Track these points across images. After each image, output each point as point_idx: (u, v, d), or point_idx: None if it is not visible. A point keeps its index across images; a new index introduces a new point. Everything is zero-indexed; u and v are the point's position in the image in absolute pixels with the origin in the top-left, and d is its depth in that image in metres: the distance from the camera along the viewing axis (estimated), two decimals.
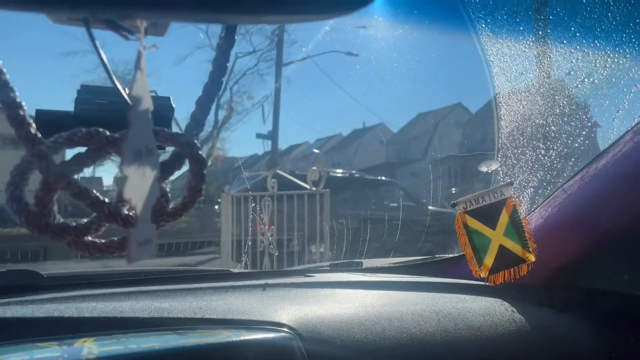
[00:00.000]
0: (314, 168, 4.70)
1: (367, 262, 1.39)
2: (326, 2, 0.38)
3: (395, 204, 7.40)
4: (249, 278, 1.10)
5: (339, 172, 8.31)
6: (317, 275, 1.17)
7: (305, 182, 4.69)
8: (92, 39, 0.45)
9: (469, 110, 21.09)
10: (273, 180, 4.51)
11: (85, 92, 0.52)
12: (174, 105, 0.54)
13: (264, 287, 0.99)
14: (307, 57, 17.13)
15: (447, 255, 1.32)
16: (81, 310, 0.73)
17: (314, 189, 4.54)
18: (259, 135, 17.56)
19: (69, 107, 0.51)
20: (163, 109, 0.52)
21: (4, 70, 0.42)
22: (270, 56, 18.22)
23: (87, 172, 0.48)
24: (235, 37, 0.52)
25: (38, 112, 0.50)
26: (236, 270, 1.27)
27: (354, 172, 8.93)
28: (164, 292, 0.89)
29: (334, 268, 1.38)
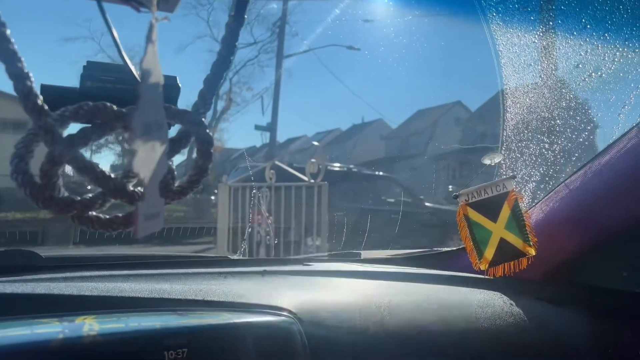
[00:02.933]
0: (313, 160, 4.69)
1: (365, 254, 1.38)
2: None
3: (393, 199, 7.40)
4: (247, 265, 1.10)
5: (336, 166, 8.30)
6: (315, 264, 1.16)
7: (304, 174, 4.68)
8: (103, 12, 0.44)
9: (468, 109, 21.15)
10: (271, 171, 4.50)
11: (92, 69, 0.51)
12: (180, 85, 0.54)
13: (263, 273, 0.99)
14: (308, 50, 17.10)
15: (446, 249, 1.32)
16: (81, 289, 0.72)
17: (312, 181, 4.54)
18: (257, 127, 17.58)
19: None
20: (169, 88, 0.52)
21: (12, 40, 0.41)
22: (271, 48, 18.19)
23: None
24: (245, 16, 0.51)
25: (43, 87, 0.49)
26: (234, 257, 1.26)
27: (351, 166, 8.91)
28: (164, 276, 0.88)
29: (333, 258, 1.38)
